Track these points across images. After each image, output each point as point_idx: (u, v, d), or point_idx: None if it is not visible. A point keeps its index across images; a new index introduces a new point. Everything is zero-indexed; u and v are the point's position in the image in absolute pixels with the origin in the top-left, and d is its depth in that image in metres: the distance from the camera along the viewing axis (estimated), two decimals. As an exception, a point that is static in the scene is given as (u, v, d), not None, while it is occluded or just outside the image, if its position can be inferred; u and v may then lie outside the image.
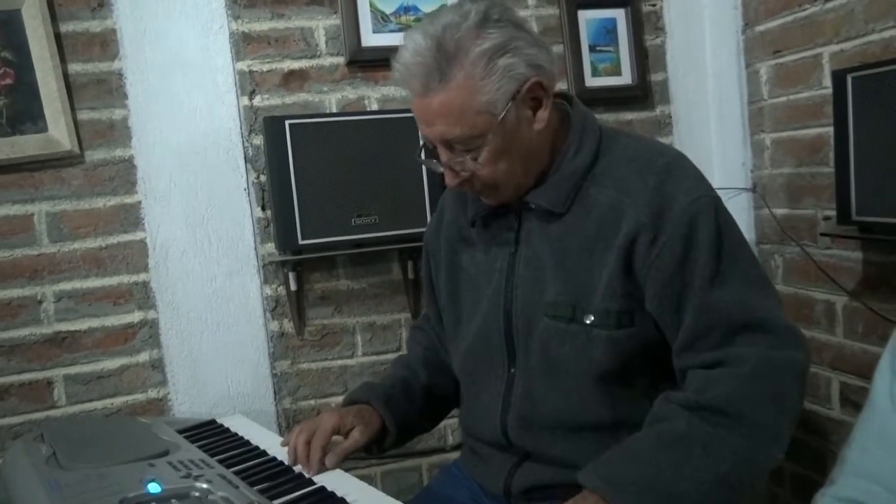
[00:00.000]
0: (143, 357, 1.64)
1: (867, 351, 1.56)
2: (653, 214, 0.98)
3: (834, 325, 1.64)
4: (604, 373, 1.02)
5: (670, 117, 1.95)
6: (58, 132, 1.53)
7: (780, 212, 1.75)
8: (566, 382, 1.05)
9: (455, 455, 1.76)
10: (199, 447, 1.28)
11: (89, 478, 1.08)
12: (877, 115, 1.29)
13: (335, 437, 1.18)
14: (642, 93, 1.90)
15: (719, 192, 1.67)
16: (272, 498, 1.05)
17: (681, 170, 1.03)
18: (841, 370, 1.64)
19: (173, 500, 0.99)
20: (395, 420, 1.19)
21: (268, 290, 1.71)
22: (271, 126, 1.56)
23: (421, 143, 1.07)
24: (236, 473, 1.13)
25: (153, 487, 1.02)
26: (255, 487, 1.08)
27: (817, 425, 1.72)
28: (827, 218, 1.59)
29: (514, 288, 1.09)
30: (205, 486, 1.05)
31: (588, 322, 1.02)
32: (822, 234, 1.57)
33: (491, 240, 1.15)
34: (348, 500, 1.05)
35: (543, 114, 1.02)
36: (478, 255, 1.17)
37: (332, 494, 1.08)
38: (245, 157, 1.67)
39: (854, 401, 1.61)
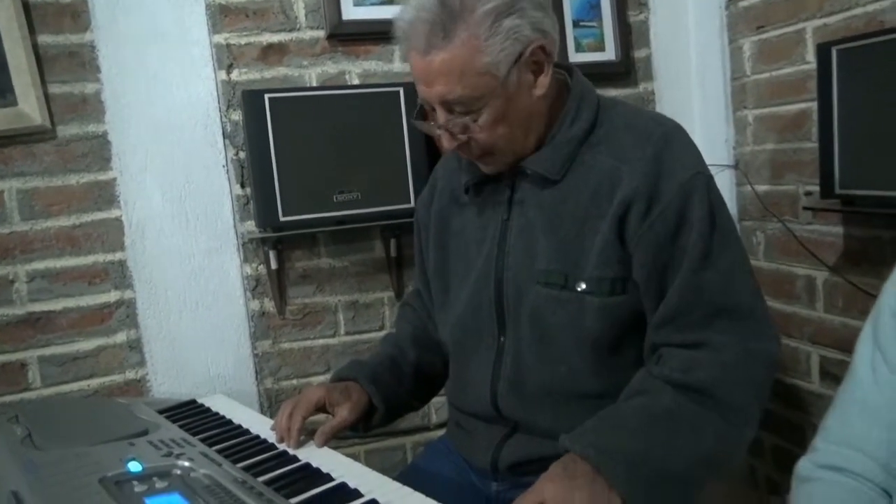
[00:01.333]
0: (121, 337, 1.60)
1: (847, 325, 1.58)
2: (649, 184, 0.97)
3: (814, 300, 1.65)
4: (595, 341, 1.02)
5: (653, 94, 1.94)
6: (28, 106, 1.48)
7: (761, 188, 1.76)
8: (557, 351, 1.04)
9: (440, 433, 1.75)
10: (180, 426, 1.26)
11: (66, 458, 1.05)
12: (861, 88, 1.29)
13: (321, 416, 1.17)
14: (625, 69, 1.89)
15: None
16: (257, 475, 1.03)
17: (679, 142, 1.02)
18: (821, 344, 1.66)
19: (155, 479, 0.97)
20: (383, 398, 1.18)
21: (248, 269, 1.68)
22: (250, 100, 1.53)
23: (418, 105, 1.04)
24: (219, 452, 1.11)
25: (133, 466, 1.00)
26: (239, 465, 1.06)
27: (797, 398, 1.74)
28: (808, 193, 1.59)
29: (506, 255, 1.08)
30: (187, 464, 1.03)
31: (580, 289, 1.01)
32: (805, 209, 1.58)
33: (483, 206, 1.13)
34: (333, 475, 1.04)
35: (544, 79, 1.01)
36: (469, 223, 1.15)
37: (318, 470, 1.06)
38: (223, 133, 1.63)
39: (834, 374, 1.63)
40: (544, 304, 1.04)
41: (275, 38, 1.65)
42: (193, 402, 1.45)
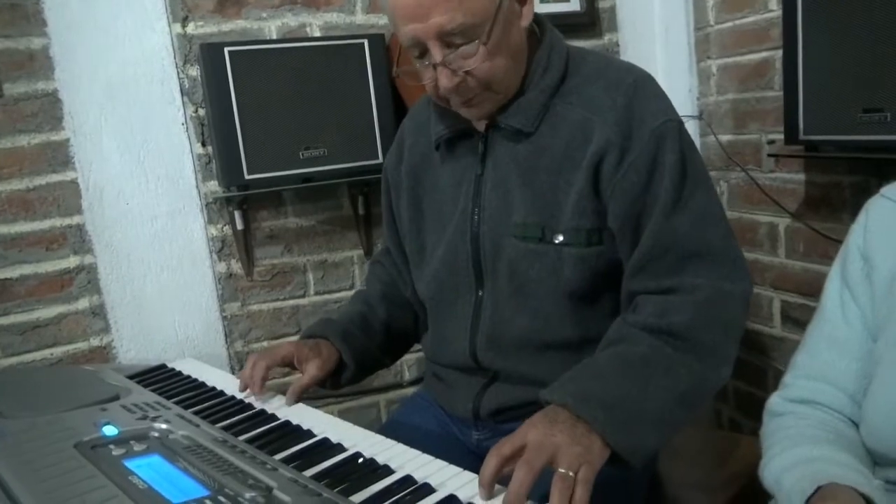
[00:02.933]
0: (83, 304, 1.56)
1: (808, 269, 1.62)
2: (621, 133, 0.98)
3: (776, 247, 1.70)
4: (572, 291, 1.03)
5: (618, 45, 1.93)
6: (-30, 63, 1.40)
7: (725, 138, 1.78)
8: (534, 302, 1.05)
9: (412, 390, 1.76)
10: (152, 390, 1.23)
11: (37, 425, 1.02)
12: (825, 35, 1.31)
13: (294, 377, 1.16)
14: (590, 20, 1.88)
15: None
16: (237, 435, 1.02)
17: (649, 90, 1.02)
18: (782, 289, 1.70)
19: (132, 442, 0.95)
20: (353, 355, 1.18)
21: (213, 231, 1.64)
22: (209, 54, 1.47)
23: (397, 55, 1.01)
24: (195, 413, 1.10)
25: (109, 430, 0.98)
26: (218, 426, 1.05)
27: (759, 343, 1.79)
28: (771, 142, 1.62)
29: (482, 210, 1.08)
30: (164, 426, 1.01)
31: (558, 241, 1.02)
32: (770, 156, 1.60)
33: (456, 163, 1.12)
34: (315, 431, 1.04)
35: (528, 9, 1.01)
36: (442, 179, 1.14)
37: (298, 427, 1.06)
38: (181, 90, 1.57)
39: (795, 318, 1.68)
40: (522, 257, 1.04)
41: (232, -12, 1.59)
42: (163, 366, 1.42)
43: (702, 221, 0.99)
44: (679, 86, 1.85)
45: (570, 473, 0.79)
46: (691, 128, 1.86)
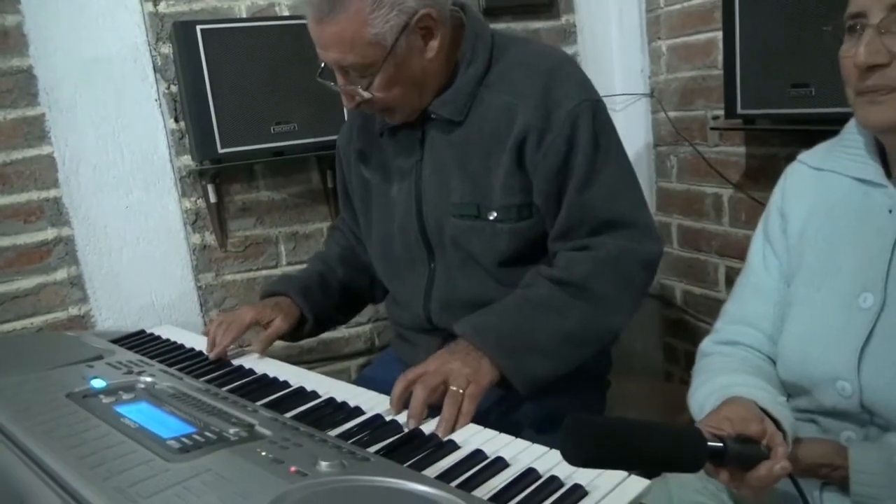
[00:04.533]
0: (61, 274, 1.61)
1: (749, 236, 1.70)
2: (540, 116, 1.08)
3: (721, 216, 1.82)
4: (507, 259, 1.15)
5: (574, 26, 2.03)
6: (-55, 39, 1.43)
7: (674, 114, 1.89)
8: (478, 271, 1.17)
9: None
10: (135, 352, 1.30)
11: (28, 381, 1.08)
12: (759, 17, 1.42)
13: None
14: (548, 1, 1.97)
15: (620, 99, 1.82)
16: (219, 387, 1.10)
17: (565, 73, 1.11)
18: (727, 256, 1.83)
19: (121, 392, 1.02)
20: (312, 310, 1.30)
21: (187, 204, 1.70)
22: (182, 31, 1.52)
23: (321, 64, 1.10)
24: (178, 370, 1.17)
25: (97, 383, 1.05)
26: (200, 379, 1.13)
27: (707, 307, 1.92)
28: (716, 117, 1.73)
29: (423, 192, 1.18)
30: (149, 379, 1.08)
31: (492, 218, 1.13)
32: (713, 129, 1.72)
33: (399, 148, 1.22)
34: (291, 382, 1.12)
35: (434, 43, 1.07)
36: (387, 163, 1.24)
37: (275, 379, 1.14)
38: (154, 67, 1.62)
39: (737, 282, 1.81)
40: (462, 233, 1.15)
41: (202, -32, 1.64)
42: (143, 331, 1.49)
43: (612, 193, 1.11)
44: (632, 65, 1.95)
45: (460, 391, 0.95)
46: (643, 105, 1.97)
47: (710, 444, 0.70)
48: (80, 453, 0.80)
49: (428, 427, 0.93)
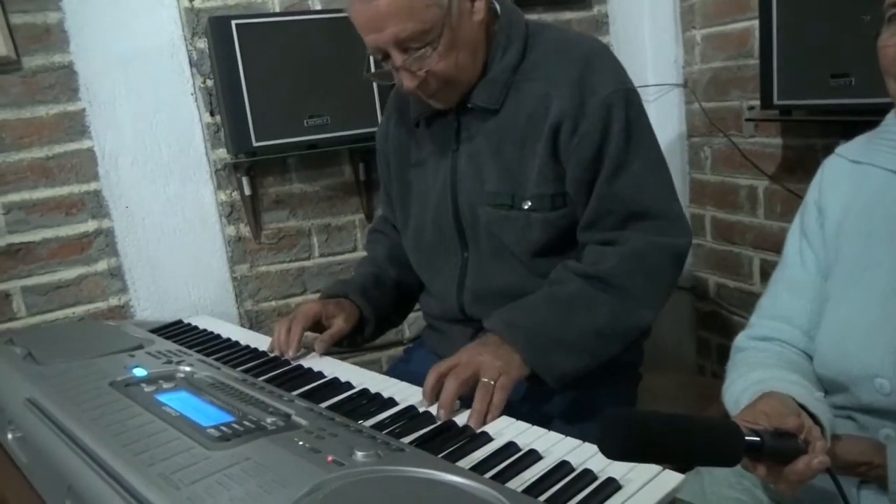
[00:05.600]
0: (102, 266, 1.65)
1: (785, 229, 1.67)
2: (575, 104, 1.07)
3: (756, 208, 1.79)
4: (542, 248, 1.15)
5: (607, 16, 2.01)
6: (-9, 37, 1.47)
7: (708, 105, 1.86)
8: (511, 260, 1.17)
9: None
10: (173, 341, 1.33)
11: (72, 369, 1.12)
12: (798, 5, 1.39)
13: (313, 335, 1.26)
14: (580, -8, 1.95)
15: (653, 89, 1.79)
16: (256, 376, 1.12)
17: (600, 61, 1.11)
18: (762, 248, 1.80)
19: (161, 381, 1.04)
20: (373, 310, 1.29)
21: (222, 196, 1.73)
22: (217, 26, 1.54)
23: (367, 59, 1.11)
24: (215, 360, 1.20)
25: (139, 372, 1.08)
26: (237, 369, 1.15)
27: (741, 300, 1.90)
28: (751, 107, 1.71)
29: (459, 182, 1.18)
30: (188, 368, 1.11)
31: (526, 207, 1.13)
32: (748, 120, 1.69)
33: (434, 139, 1.22)
34: (325, 373, 1.14)
35: (480, 4, 1.09)
36: (424, 153, 1.24)
37: (310, 370, 1.16)
38: (190, 62, 1.65)
39: (772, 275, 1.78)
40: (496, 222, 1.15)
41: (236, -37, 1.66)
42: (180, 321, 1.52)
43: (642, 184, 1.10)
44: (665, 55, 1.93)
45: (491, 382, 0.96)
46: (676, 96, 1.94)
47: (747, 437, 0.69)
48: (125, 440, 0.83)
49: (461, 419, 0.94)
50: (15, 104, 1.54)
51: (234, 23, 1.54)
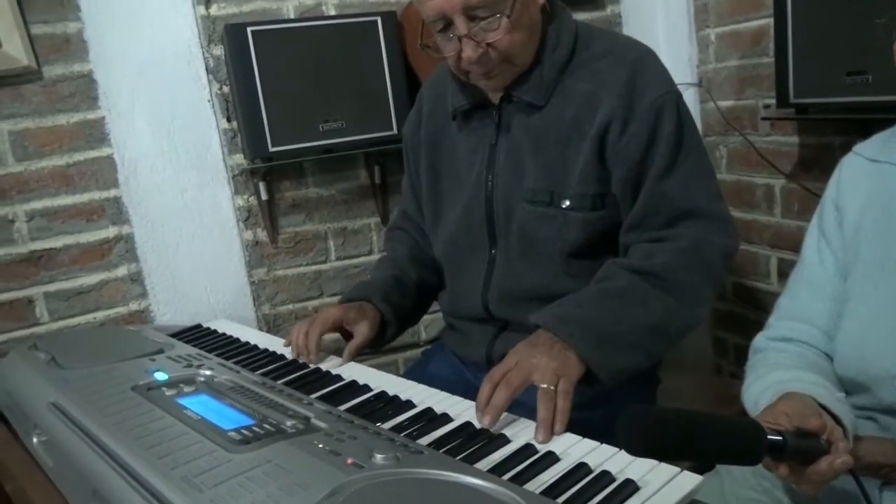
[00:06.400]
0: (122, 271, 1.68)
1: (802, 228, 1.68)
2: (625, 105, 1.07)
3: (773, 207, 1.78)
4: (576, 250, 1.14)
5: (620, 16, 2.01)
6: (12, 47, 1.50)
7: (724, 104, 1.86)
8: (543, 260, 1.16)
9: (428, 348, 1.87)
10: (193, 345, 1.35)
11: (95, 374, 1.14)
12: (812, 3, 1.38)
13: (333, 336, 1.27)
14: (593, -8, 1.95)
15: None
16: (275, 379, 1.13)
17: (650, 65, 1.11)
18: (779, 247, 1.79)
19: (182, 385, 1.06)
20: (395, 314, 1.28)
21: (239, 201, 1.75)
22: (233, 33, 1.56)
23: (421, 30, 1.10)
24: (235, 363, 1.21)
25: (160, 376, 1.10)
26: (256, 373, 1.16)
27: (758, 299, 1.89)
28: (767, 106, 1.70)
29: (495, 176, 1.18)
30: (208, 372, 1.13)
31: (565, 206, 1.12)
32: (764, 119, 1.68)
33: (472, 132, 1.22)
34: (343, 376, 1.15)
35: None
36: (459, 147, 1.24)
37: (328, 373, 1.17)
38: (206, 69, 1.67)
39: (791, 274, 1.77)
40: (532, 219, 1.15)
41: (251, -29, 1.68)
42: (199, 325, 1.54)
43: (691, 185, 1.09)
44: (679, 54, 1.92)
45: (551, 387, 0.92)
46: (691, 95, 1.93)
47: (769, 436, 0.69)
48: (148, 443, 0.84)
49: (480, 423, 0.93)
50: (36, 113, 1.57)
51: (249, 30, 1.56)
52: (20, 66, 1.51)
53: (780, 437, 0.70)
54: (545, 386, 0.92)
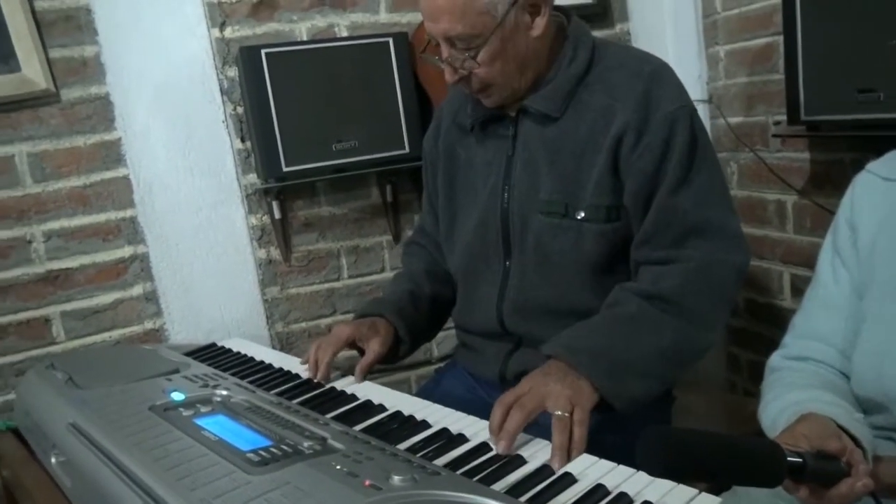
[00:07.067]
0: (137, 290, 1.69)
1: (815, 244, 1.70)
2: (639, 118, 1.08)
3: (785, 223, 1.78)
4: (592, 263, 1.14)
5: (629, 34, 2.02)
6: (31, 71, 1.52)
7: (734, 120, 1.86)
8: (557, 273, 1.16)
9: (441, 366, 1.87)
10: (208, 364, 1.36)
11: (112, 394, 1.15)
12: (822, 20, 1.39)
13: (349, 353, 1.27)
14: (602, 10, 1.96)
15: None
16: (290, 399, 1.14)
17: (665, 78, 1.13)
18: (792, 263, 1.79)
19: (198, 405, 1.07)
20: (409, 330, 1.28)
21: (253, 220, 1.76)
22: (247, 56, 1.59)
23: (426, 41, 1.14)
24: (250, 383, 1.22)
25: (177, 396, 1.11)
26: (271, 392, 1.17)
27: (771, 315, 1.88)
28: (777, 122, 1.70)
29: (511, 188, 1.19)
30: (224, 392, 1.13)
31: (580, 217, 1.13)
32: (774, 136, 1.69)
33: (488, 143, 1.23)
34: (358, 395, 1.15)
35: (541, 21, 1.10)
36: (475, 158, 1.25)
37: (343, 392, 1.18)
38: (221, 90, 1.69)
39: (804, 291, 1.75)
40: (546, 231, 1.15)
41: (264, -7, 1.70)
42: (214, 344, 1.55)
43: (703, 200, 1.09)
44: (689, 71, 1.93)
45: (566, 414, 0.91)
46: (701, 111, 1.92)
47: (789, 458, 0.69)
48: (167, 465, 0.85)
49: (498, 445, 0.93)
50: (54, 135, 1.59)
51: (263, 52, 1.58)
52: (39, 89, 1.54)
53: (801, 459, 0.69)
54: (560, 413, 0.92)
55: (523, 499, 0.78)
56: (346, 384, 1.22)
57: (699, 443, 0.68)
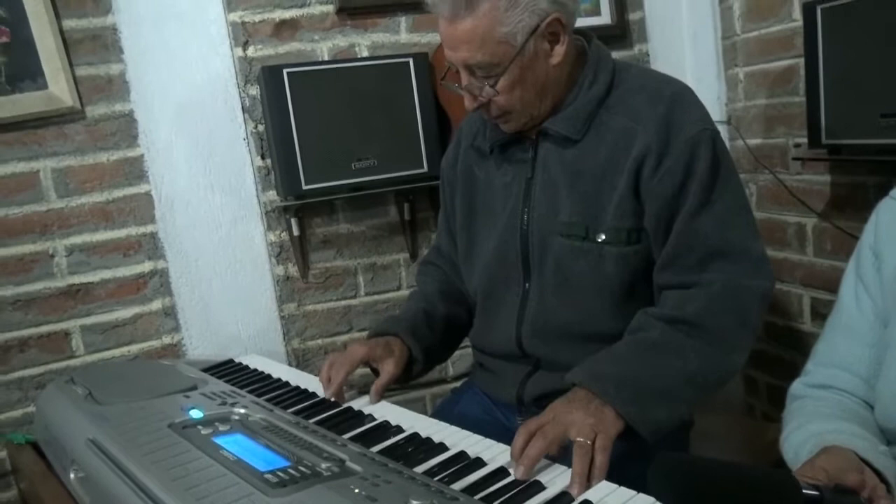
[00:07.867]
0: (156, 305, 1.71)
1: (836, 267, 1.69)
2: (660, 141, 1.08)
3: (805, 245, 1.76)
4: (612, 286, 1.13)
5: (648, 55, 2.02)
6: (58, 89, 1.55)
7: (753, 142, 1.85)
8: (578, 296, 1.15)
9: (456, 385, 1.87)
10: (225, 381, 1.36)
11: (132, 410, 1.16)
12: (844, 44, 1.38)
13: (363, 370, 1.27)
14: (621, 32, 1.97)
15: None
16: (307, 418, 1.14)
17: (687, 101, 1.13)
18: (812, 286, 1.77)
19: (217, 423, 1.07)
20: (422, 350, 1.28)
21: (272, 237, 1.78)
22: (270, 75, 1.60)
23: (446, 67, 1.15)
24: (267, 401, 1.22)
25: (195, 413, 1.11)
26: (289, 411, 1.17)
27: (790, 339, 1.86)
28: (797, 145, 1.69)
29: (531, 210, 1.19)
30: (242, 410, 1.14)
31: (600, 240, 1.12)
32: (795, 159, 1.67)
33: (508, 165, 1.23)
34: (375, 415, 1.15)
35: (560, 49, 1.10)
36: (495, 180, 1.25)
37: (360, 412, 1.18)
38: (242, 108, 1.71)
39: (824, 314, 1.72)
40: (567, 253, 1.15)
41: (287, 14, 1.72)
42: (231, 360, 1.56)
43: (726, 223, 1.09)
44: (708, 93, 1.93)
45: (588, 442, 0.90)
46: (720, 133, 1.93)
47: (805, 491, 0.68)
48: (186, 484, 0.85)
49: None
50: (79, 151, 1.62)
51: (285, 71, 1.60)
52: (65, 106, 1.57)
53: (817, 493, 0.69)
54: (581, 440, 0.91)
55: (542, 526, 0.77)
56: (362, 404, 1.22)
57: (712, 472, 0.67)
